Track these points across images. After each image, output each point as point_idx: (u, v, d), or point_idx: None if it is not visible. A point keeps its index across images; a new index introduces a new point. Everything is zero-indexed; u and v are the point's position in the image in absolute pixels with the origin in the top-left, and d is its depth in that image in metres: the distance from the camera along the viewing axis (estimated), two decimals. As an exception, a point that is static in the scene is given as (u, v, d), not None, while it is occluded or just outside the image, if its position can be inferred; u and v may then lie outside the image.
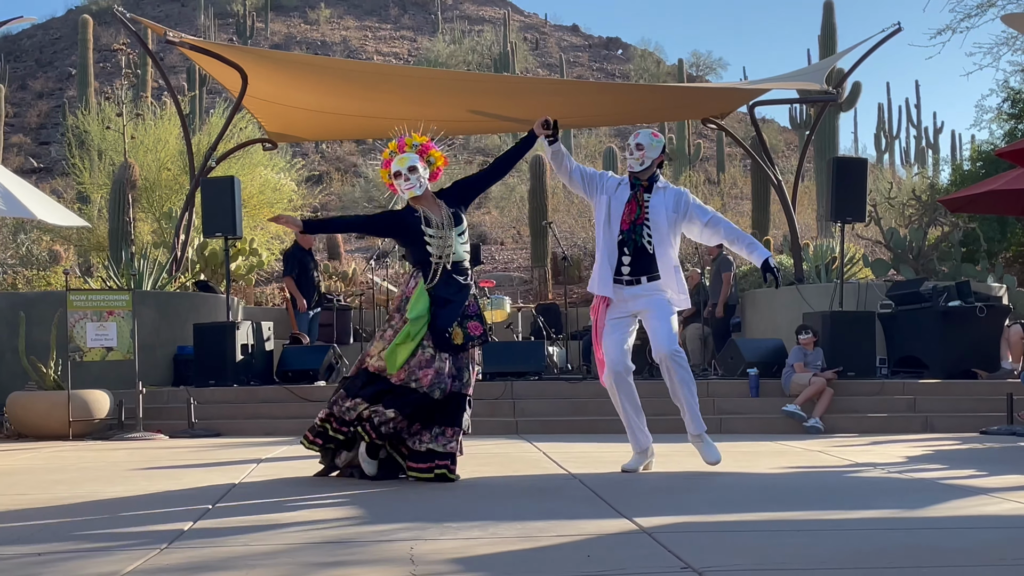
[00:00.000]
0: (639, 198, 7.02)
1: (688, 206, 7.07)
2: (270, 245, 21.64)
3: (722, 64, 78.92)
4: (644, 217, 6.98)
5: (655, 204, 7.02)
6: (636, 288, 6.99)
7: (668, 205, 7.03)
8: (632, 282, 6.99)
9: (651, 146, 7.07)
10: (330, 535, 4.68)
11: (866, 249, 21.02)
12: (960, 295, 12.94)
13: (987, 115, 34.88)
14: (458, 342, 6.74)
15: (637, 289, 6.99)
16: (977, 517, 5.17)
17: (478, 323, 6.87)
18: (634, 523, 4.88)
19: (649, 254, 6.98)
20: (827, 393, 11.46)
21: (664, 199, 7.05)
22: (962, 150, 43.89)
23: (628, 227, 6.98)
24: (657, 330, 6.95)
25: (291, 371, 13.21)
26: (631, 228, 6.97)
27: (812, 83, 15.67)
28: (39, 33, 59.45)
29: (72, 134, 26.45)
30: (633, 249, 6.97)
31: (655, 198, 7.04)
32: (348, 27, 59.69)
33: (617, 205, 7.03)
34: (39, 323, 12.21)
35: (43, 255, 21.64)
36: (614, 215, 7.02)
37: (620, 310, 7.03)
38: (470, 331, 6.80)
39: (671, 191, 7.14)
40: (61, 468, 8.11)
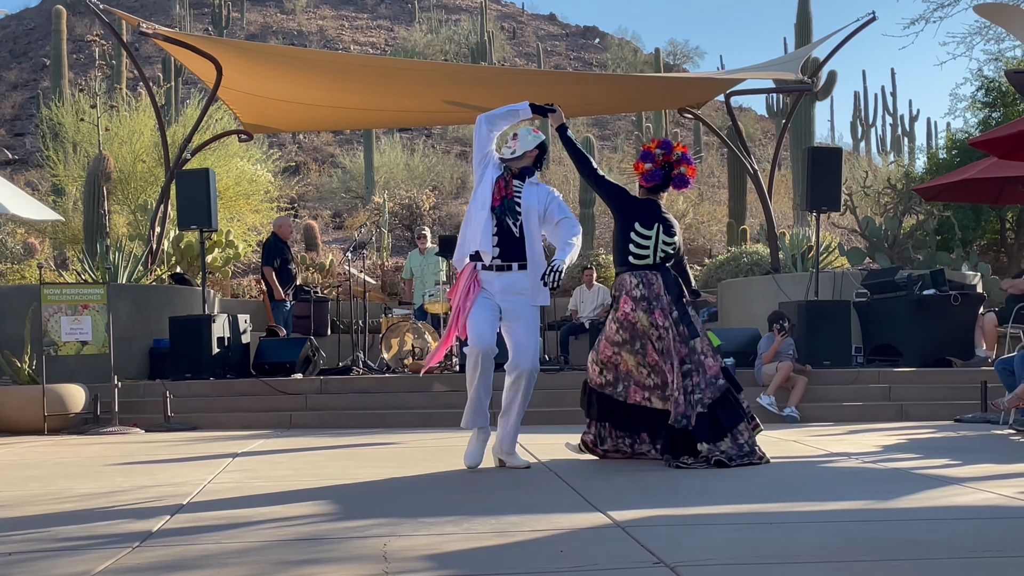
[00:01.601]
0: (506, 179, 6.95)
1: (549, 204, 7.01)
2: (246, 237, 21.57)
3: (699, 53, 79.14)
4: (514, 197, 6.90)
5: (527, 194, 6.97)
6: (505, 277, 6.87)
7: (539, 198, 6.98)
8: (503, 268, 6.87)
9: (526, 139, 7.05)
10: (303, 532, 4.67)
11: (842, 238, 21.12)
12: (935, 283, 12.99)
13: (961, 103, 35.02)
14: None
15: (507, 279, 6.87)
16: (950, 508, 5.20)
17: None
18: (608, 517, 4.89)
19: (516, 238, 6.87)
20: (801, 381, 11.50)
21: (537, 192, 7.01)
22: (938, 138, 44.11)
23: (499, 203, 6.89)
24: (524, 345, 6.88)
25: (268, 364, 13.18)
26: (501, 204, 6.89)
27: (788, 72, 15.68)
28: (13, 24, 59.04)
29: (46, 126, 26.31)
30: (500, 230, 6.87)
31: (527, 189, 6.99)
32: (324, 17, 59.48)
33: (488, 183, 6.97)
34: (13, 317, 12.15)
35: (17, 248, 21.52)
36: (484, 190, 6.94)
37: (487, 294, 6.90)
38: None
39: (542, 187, 7.11)
40: (35, 464, 8.06)
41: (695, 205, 27.51)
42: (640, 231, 7.17)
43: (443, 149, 40.31)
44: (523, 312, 6.90)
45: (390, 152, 37.77)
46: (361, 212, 32.58)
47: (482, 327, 6.80)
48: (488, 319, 6.83)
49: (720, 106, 19.09)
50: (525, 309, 6.91)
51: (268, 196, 24.17)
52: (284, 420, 11.52)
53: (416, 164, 36.90)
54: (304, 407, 11.89)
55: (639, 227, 7.18)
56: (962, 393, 11.56)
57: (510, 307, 6.88)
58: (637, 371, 7.23)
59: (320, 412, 11.64)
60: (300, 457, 8.08)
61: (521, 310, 6.89)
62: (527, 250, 6.90)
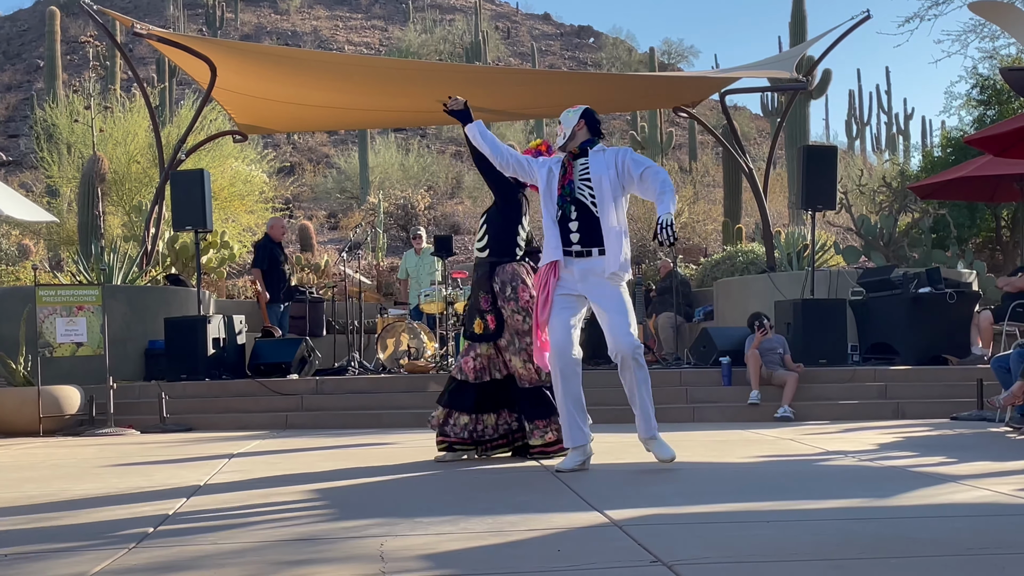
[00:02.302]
0: (566, 164, 6.89)
1: (624, 162, 6.81)
2: (241, 238, 21.54)
3: (694, 52, 79.26)
4: (579, 178, 6.79)
5: (594, 164, 6.82)
6: (587, 263, 6.73)
7: (608, 163, 6.82)
8: (582, 254, 6.73)
9: (567, 118, 6.98)
10: (300, 532, 4.66)
11: (837, 236, 21.13)
12: (930, 281, 12.99)
13: (956, 101, 35.04)
14: (478, 332, 7.44)
15: (587, 265, 6.72)
16: (946, 505, 5.20)
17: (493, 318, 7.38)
18: (605, 516, 4.88)
19: (594, 215, 6.73)
20: (792, 379, 11.50)
21: (603, 158, 6.86)
22: (932, 136, 44.17)
23: (561, 191, 6.80)
24: (616, 325, 6.65)
25: (263, 364, 13.16)
26: (563, 191, 6.79)
27: (782, 71, 15.69)
28: (6, 25, 58.97)
29: (40, 127, 26.27)
30: (578, 212, 6.75)
31: (592, 159, 6.85)
32: (319, 17, 59.46)
33: (555, 175, 6.91)
34: (8, 319, 12.13)
35: (12, 250, 21.49)
36: (552, 185, 6.88)
37: (568, 287, 6.76)
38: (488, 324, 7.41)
39: (610, 151, 6.96)
40: (31, 465, 8.05)
41: (690, 204, 27.52)
42: (524, 225, 7.56)
43: (438, 149, 40.32)
44: (608, 293, 6.71)
45: (385, 152, 37.79)
46: (356, 212, 32.59)
47: (559, 335, 6.68)
48: (564, 325, 6.70)
49: (715, 105, 19.14)
50: (609, 290, 6.72)
51: (263, 197, 24.16)
52: (280, 421, 11.50)
53: (411, 164, 36.93)
54: (300, 408, 11.88)
55: (524, 221, 7.56)
56: (958, 391, 11.57)
57: (594, 291, 6.73)
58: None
59: (316, 413, 11.63)
60: (296, 458, 8.07)
61: (606, 291, 6.71)
62: (603, 229, 6.73)
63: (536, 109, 18.99)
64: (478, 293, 7.48)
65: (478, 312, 7.43)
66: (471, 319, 7.53)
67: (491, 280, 7.40)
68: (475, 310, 7.49)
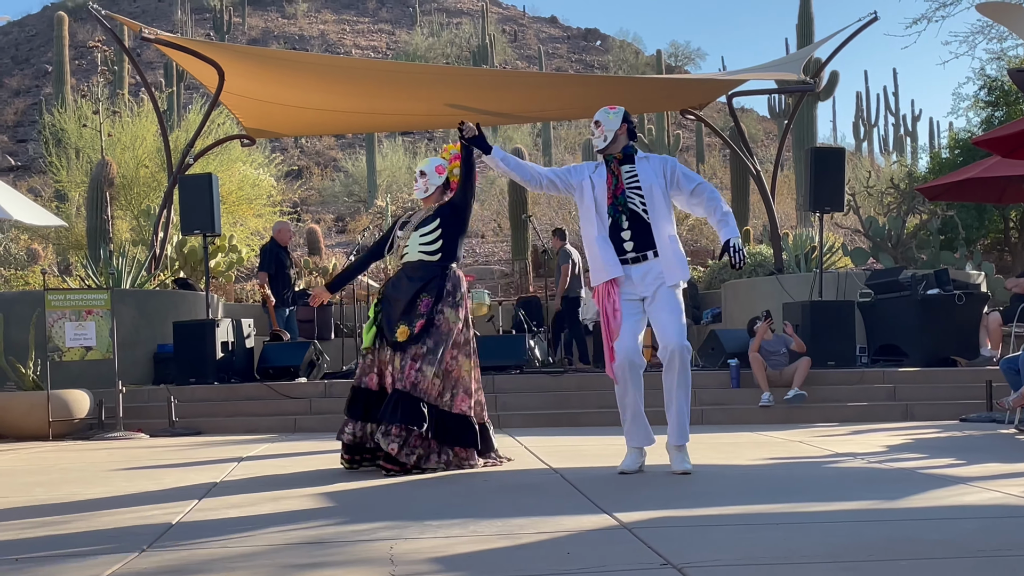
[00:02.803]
0: (614, 170, 6.79)
1: (674, 172, 6.81)
2: (249, 241, 21.58)
3: (700, 54, 79.13)
4: (628, 187, 6.72)
5: (643, 171, 6.76)
6: (642, 267, 6.69)
7: (656, 171, 6.78)
8: (638, 259, 6.69)
9: (608, 119, 6.86)
10: (309, 535, 4.66)
11: (845, 238, 21.10)
12: (939, 283, 12.98)
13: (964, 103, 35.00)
14: (401, 340, 6.91)
15: (644, 268, 6.69)
16: (956, 507, 5.19)
17: (424, 322, 6.94)
18: (614, 519, 4.88)
19: (646, 222, 6.69)
20: (804, 362, 11.57)
21: (651, 166, 6.81)
22: (940, 137, 44.10)
23: (612, 200, 6.72)
24: (668, 323, 6.62)
25: (272, 368, 13.17)
26: (615, 200, 6.72)
27: (790, 73, 15.68)
28: (15, 30, 59.11)
29: (49, 132, 26.34)
30: (629, 221, 6.70)
31: (640, 166, 6.79)
32: (326, 21, 59.52)
33: (599, 184, 6.79)
34: (18, 323, 12.15)
35: (21, 254, 21.53)
36: (599, 195, 6.77)
37: (629, 292, 6.71)
38: (415, 329, 6.93)
39: (655, 158, 6.91)
40: (41, 469, 8.06)
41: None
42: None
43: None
44: (664, 294, 6.68)
45: (392, 155, 37.82)
46: (364, 216, 32.60)
47: (628, 343, 6.63)
48: (632, 334, 6.66)
49: (722, 107, 19.10)
50: (662, 291, 6.68)
51: (271, 200, 24.19)
52: (288, 424, 11.52)
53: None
54: (308, 411, 11.89)
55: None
56: (967, 393, 11.56)
57: (650, 291, 6.70)
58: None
59: (324, 416, 11.63)
60: (305, 461, 8.08)
61: (662, 292, 6.68)
62: (655, 234, 6.70)
63: (543, 112, 19.02)
64: (418, 295, 7.02)
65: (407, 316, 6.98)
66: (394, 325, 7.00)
67: (443, 282, 7.11)
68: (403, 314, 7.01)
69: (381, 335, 7.08)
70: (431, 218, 7.20)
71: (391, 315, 7.04)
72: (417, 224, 7.22)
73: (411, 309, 6.99)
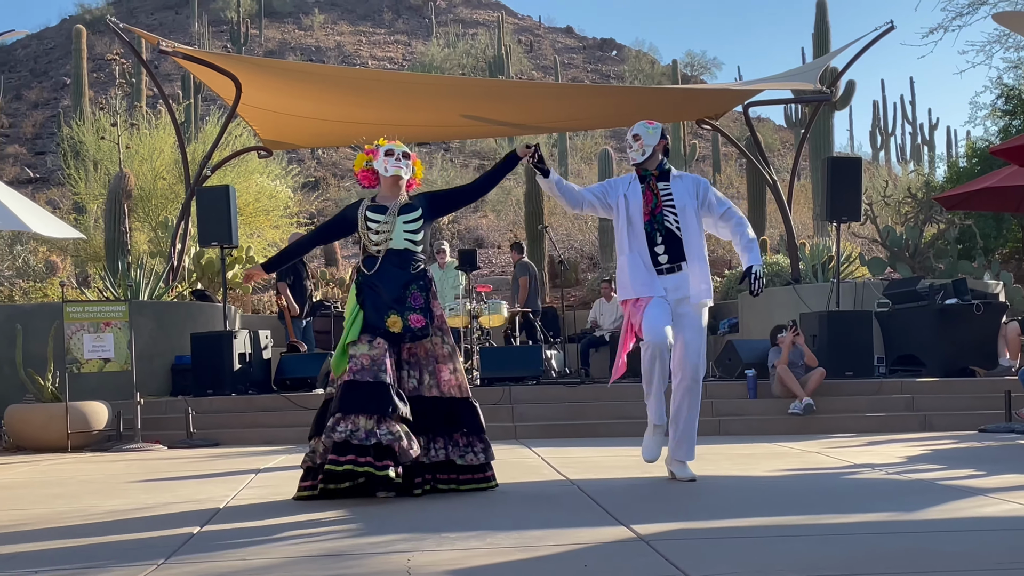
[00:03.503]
0: (652, 187, 6.86)
1: (707, 194, 6.92)
2: (266, 253, 21.61)
3: (716, 64, 79.12)
4: (664, 204, 6.80)
5: (677, 190, 6.85)
6: (676, 277, 6.77)
7: (689, 191, 6.88)
8: (672, 269, 6.76)
9: (648, 133, 6.90)
10: (327, 547, 4.67)
11: (863, 248, 21.04)
12: (957, 293, 12.94)
13: (981, 112, 34.89)
14: (395, 330, 6.42)
15: (678, 278, 6.77)
16: (976, 519, 5.16)
17: (422, 316, 6.51)
18: (631, 531, 4.87)
19: (678, 238, 6.78)
20: (818, 373, 11.57)
21: (684, 186, 6.89)
22: (958, 146, 43.97)
23: (649, 217, 6.80)
24: (691, 341, 6.74)
25: (289, 379, 13.20)
26: (652, 218, 6.79)
27: (806, 83, 15.65)
28: (33, 43, 59.40)
29: (67, 144, 26.45)
30: (664, 237, 6.77)
31: (675, 185, 6.88)
32: (342, 32, 59.67)
33: (635, 200, 6.85)
34: (36, 335, 12.20)
35: (40, 266, 21.60)
36: (633, 211, 6.84)
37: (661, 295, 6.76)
38: (411, 322, 6.48)
39: (688, 178, 7.00)
40: (59, 481, 8.09)
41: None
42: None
43: (461, 163, 40.35)
44: (689, 311, 6.79)
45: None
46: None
47: (656, 321, 6.65)
48: (662, 315, 6.69)
49: (738, 117, 19.08)
50: (689, 308, 6.80)
51: (287, 212, 24.24)
52: (306, 435, 11.47)
53: (434, 178, 36.93)
54: (326, 422, 11.89)
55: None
56: (986, 403, 11.52)
57: (677, 307, 6.79)
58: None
59: (342, 427, 11.63)
60: (322, 472, 8.07)
61: (687, 310, 6.79)
62: (686, 250, 6.79)
63: (559, 122, 19.03)
64: (408, 287, 6.57)
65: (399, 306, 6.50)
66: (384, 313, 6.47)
67: (427, 277, 6.73)
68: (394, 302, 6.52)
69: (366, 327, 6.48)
70: (411, 206, 6.72)
71: (378, 303, 6.50)
72: (399, 210, 6.68)
73: (401, 300, 6.51)
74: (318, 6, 62.52)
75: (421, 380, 6.56)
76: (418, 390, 6.52)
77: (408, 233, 6.65)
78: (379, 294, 6.53)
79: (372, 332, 6.44)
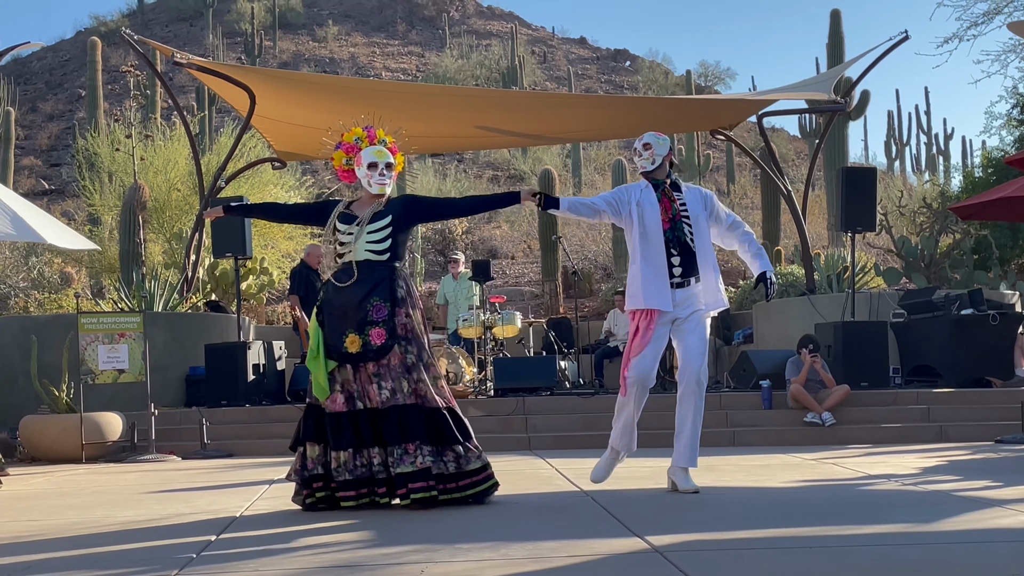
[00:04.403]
0: (669, 195, 6.93)
1: (714, 205, 7.04)
2: (280, 264, 21.66)
3: (730, 74, 78.78)
4: (681, 215, 6.88)
5: (690, 201, 6.95)
6: (685, 291, 6.82)
7: (699, 202, 6.99)
8: (682, 284, 6.81)
9: (658, 143, 7.01)
10: (340, 559, 4.66)
11: (878, 258, 20.98)
12: (973, 303, 12.89)
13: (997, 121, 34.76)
14: (352, 350, 6.32)
15: (686, 292, 6.82)
16: (991, 530, 5.13)
17: (383, 331, 6.33)
18: (645, 542, 4.86)
19: (692, 251, 6.85)
20: (842, 389, 11.57)
21: (694, 197, 7.00)
22: (973, 156, 43.83)
23: (670, 225, 6.84)
24: (694, 348, 6.81)
25: (303, 390, 13.11)
26: (672, 226, 6.85)
27: (820, 93, 15.61)
28: (48, 55, 59.69)
29: (82, 156, 26.53)
30: (679, 249, 6.83)
31: (688, 196, 6.98)
32: (356, 44, 59.81)
33: (650, 208, 6.88)
34: (51, 346, 12.24)
35: (55, 277, 21.67)
36: (649, 219, 6.86)
37: (666, 317, 6.82)
38: (371, 339, 6.32)
39: (695, 190, 7.10)
40: (73, 492, 8.11)
41: (728, 227, 27.38)
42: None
43: (475, 174, 40.38)
44: (695, 319, 6.85)
45: (422, 177, 37.90)
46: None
47: (647, 362, 6.79)
48: (655, 356, 6.83)
49: (752, 127, 19.08)
50: (696, 316, 6.86)
51: (302, 222, 24.22)
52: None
53: (448, 189, 37.01)
54: (339, 433, 11.88)
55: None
56: (1002, 413, 11.46)
57: (683, 315, 6.84)
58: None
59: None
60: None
61: (694, 317, 6.85)
62: (699, 261, 6.86)
63: (573, 133, 19.02)
64: (369, 300, 6.40)
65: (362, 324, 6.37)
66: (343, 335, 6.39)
67: (393, 285, 6.50)
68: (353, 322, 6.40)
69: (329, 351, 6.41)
70: (382, 213, 6.55)
71: (336, 325, 6.39)
72: (368, 219, 6.52)
73: (361, 316, 6.36)
74: (332, 18, 62.71)
75: (395, 390, 6.35)
76: (392, 400, 6.33)
77: (371, 244, 6.48)
78: (336, 315, 6.43)
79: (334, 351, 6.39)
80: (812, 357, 11.74)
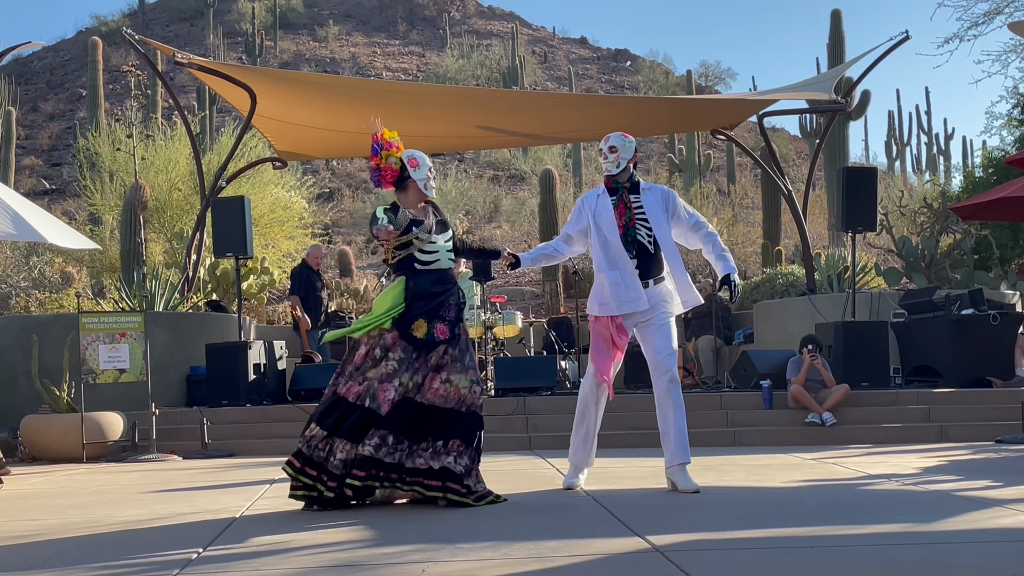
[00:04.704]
0: (625, 200, 6.92)
1: (675, 205, 7.02)
2: (281, 263, 21.67)
3: (731, 74, 79.02)
4: (637, 217, 6.87)
5: (648, 203, 6.93)
6: (648, 292, 6.84)
7: (659, 203, 6.96)
8: (645, 286, 6.83)
9: (624, 147, 6.97)
10: (341, 558, 4.66)
11: (878, 258, 20.98)
12: (973, 303, 12.89)
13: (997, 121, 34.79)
14: (418, 335, 6.39)
15: (648, 293, 6.84)
16: (992, 530, 5.14)
17: (446, 328, 6.47)
18: (646, 541, 4.86)
19: (651, 254, 6.86)
20: (842, 389, 11.57)
21: (654, 198, 6.97)
22: (973, 156, 43.84)
23: (623, 231, 6.85)
24: (663, 346, 6.81)
25: (304, 390, 13.21)
26: (626, 231, 6.84)
27: (821, 93, 15.63)
28: (49, 55, 59.72)
29: (83, 156, 26.55)
30: (636, 251, 6.83)
31: (645, 198, 6.95)
32: (357, 44, 59.84)
33: (605, 215, 6.90)
34: (52, 346, 12.24)
35: (56, 277, 21.68)
36: (605, 226, 6.88)
37: (631, 320, 6.87)
38: (435, 333, 6.44)
39: (657, 190, 7.08)
40: (74, 492, 8.11)
41: (729, 226, 27.43)
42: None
43: (475, 174, 40.40)
44: (660, 320, 6.86)
45: (423, 177, 37.88)
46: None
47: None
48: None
49: (753, 127, 19.10)
50: (659, 315, 6.86)
51: (302, 223, 24.27)
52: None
53: (449, 189, 37.02)
54: (340, 433, 11.89)
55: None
56: (1003, 413, 11.46)
57: (648, 316, 6.86)
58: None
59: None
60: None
61: (658, 317, 6.86)
62: (667, 262, 6.92)
63: (573, 133, 19.04)
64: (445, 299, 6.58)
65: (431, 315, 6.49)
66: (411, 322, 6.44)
67: (461, 294, 6.76)
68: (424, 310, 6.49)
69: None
70: (444, 223, 6.75)
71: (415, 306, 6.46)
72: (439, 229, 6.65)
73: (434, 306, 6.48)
74: (332, 17, 62.75)
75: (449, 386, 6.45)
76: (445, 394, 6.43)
77: (449, 252, 6.69)
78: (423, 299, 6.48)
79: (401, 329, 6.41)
80: (812, 357, 11.73)
